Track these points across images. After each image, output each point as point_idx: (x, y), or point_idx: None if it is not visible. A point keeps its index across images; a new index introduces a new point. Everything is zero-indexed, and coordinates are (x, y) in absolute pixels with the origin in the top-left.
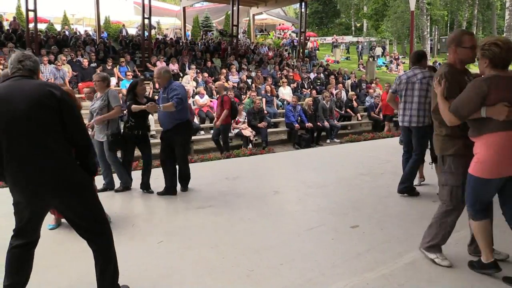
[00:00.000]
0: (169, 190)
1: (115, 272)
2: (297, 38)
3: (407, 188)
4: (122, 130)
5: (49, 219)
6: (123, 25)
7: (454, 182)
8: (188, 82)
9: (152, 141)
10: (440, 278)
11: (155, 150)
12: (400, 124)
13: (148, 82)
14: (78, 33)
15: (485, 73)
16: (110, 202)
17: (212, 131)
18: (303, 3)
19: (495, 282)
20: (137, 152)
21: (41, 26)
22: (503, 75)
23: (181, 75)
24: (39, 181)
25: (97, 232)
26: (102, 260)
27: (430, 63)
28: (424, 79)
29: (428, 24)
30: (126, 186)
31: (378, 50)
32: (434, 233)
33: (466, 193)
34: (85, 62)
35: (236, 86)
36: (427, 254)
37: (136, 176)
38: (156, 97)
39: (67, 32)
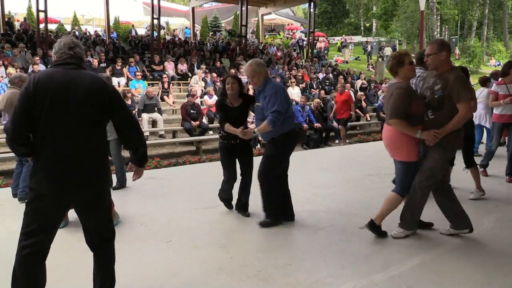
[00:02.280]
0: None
1: (112, 280)
2: (304, 38)
3: None
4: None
5: None
6: (133, 26)
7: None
8: (196, 82)
9: (161, 141)
10: (449, 279)
11: (163, 150)
12: None
13: (157, 82)
14: (88, 34)
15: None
16: (118, 201)
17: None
18: (312, 3)
19: (504, 283)
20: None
21: (52, 27)
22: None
23: (190, 75)
24: (76, 176)
25: (107, 239)
26: (104, 270)
27: None
28: (415, 79)
29: (438, 23)
30: (122, 184)
31: (388, 50)
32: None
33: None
34: (95, 62)
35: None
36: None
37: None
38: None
39: (77, 33)
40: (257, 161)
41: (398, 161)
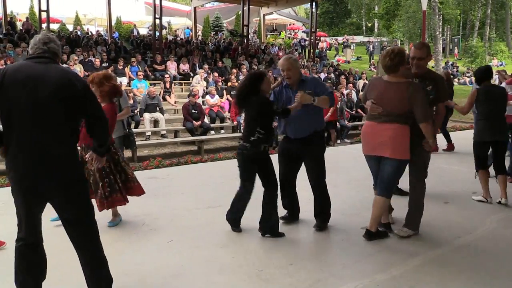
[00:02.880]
0: (293, 216)
1: (108, 278)
2: (305, 38)
3: None
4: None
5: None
6: (134, 25)
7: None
8: (198, 82)
9: (162, 140)
10: (451, 280)
11: (165, 150)
12: None
13: (159, 82)
14: (90, 33)
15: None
16: None
17: (222, 131)
18: (313, 3)
19: (505, 283)
20: (147, 151)
21: (54, 26)
22: (385, 79)
23: (192, 75)
24: (37, 167)
25: (86, 238)
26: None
27: (442, 63)
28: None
29: (440, 24)
30: None
31: None
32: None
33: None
34: (97, 62)
35: None
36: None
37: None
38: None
39: (79, 32)
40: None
41: (392, 160)
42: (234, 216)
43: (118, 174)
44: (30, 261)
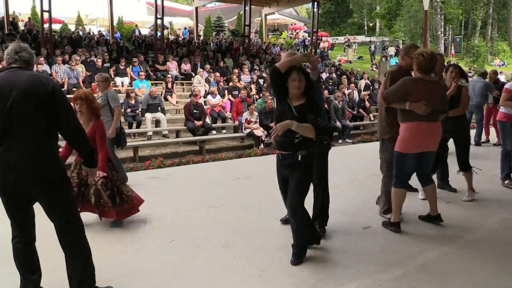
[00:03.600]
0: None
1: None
2: (308, 38)
3: None
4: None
5: None
6: (136, 25)
7: (389, 158)
8: (199, 82)
9: (164, 140)
10: (453, 280)
11: (167, 150)
12: None
13: (161, 82)
14: (91, 34)
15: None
16: None
17: (223, 131)
18: (315, 3)
19: (507, 284)
20: (149, 151)
21: (56, 27)
22: (426, 79)
23: (193, 75)
24: (19, 171)
25: (68, 236)
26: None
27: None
28: None
29: (442, 23)
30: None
31: (391, 50)
32: (385, 200)
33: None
34: (98, 62)
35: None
36: (385, 216)
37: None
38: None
39: (81, 33)
40: (261, 160)
41: (432, 153)
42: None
43: (108, 192)
44: (24, 258)
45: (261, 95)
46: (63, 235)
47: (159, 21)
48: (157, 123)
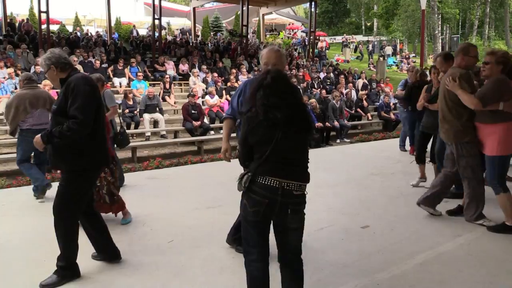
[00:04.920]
0: None
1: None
2: (307, 38)
3: None
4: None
5: None
6: (134, 26)
7: (472, 161)
8: (194, 83)
9: (162, 141)
10: (452, 278)
11: (165, 150)
12: None
13: (159, 82)
14: (89, 34)
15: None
16: None
17: (222, 131)
18: (313, 3)
19: (506, 282)
20: (147, 152)
21: (53, 27)
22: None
23: (191, 75)
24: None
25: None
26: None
27: None
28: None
29: (440, 22)
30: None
31: (389, 49)
32: (475, 206)
33: (489, 172)
34: (96, 63)
35: None
36: (476, 222)
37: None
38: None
39: (78, 33)
40: None
41: None
42: None
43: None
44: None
45: None
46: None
47: (156, 22)
48: (155, 123)
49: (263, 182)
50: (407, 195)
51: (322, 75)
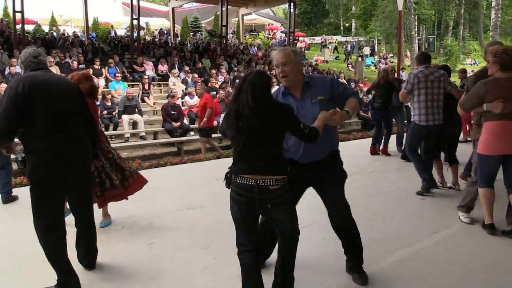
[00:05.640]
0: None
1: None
2: (286, 38)
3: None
4: None
5: None
6: (112, 26)
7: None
8: (173, 84)
9: (142, 142)
10: (429, 275)
11: (144, 152)
12: (423, 123)
13: (138, 83)
14: (66, 34)
15: (496, 75)
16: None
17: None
18: (292, 3)
19: (481, 277)
20: (126, 153)
21: (29, 28)
22: (505, 77)
23: (170, 76)
24: (71, 159)
25: None
26: None
27: None
28: (441, 77)
29: (416, 23)
30: None
31: (366, 50)
32: (463, 197)
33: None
34: (73, 64)
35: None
36: (459, 211)
37: None
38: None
39: (55, 34)
40: None
41: None
42: None
43: (115, 172)
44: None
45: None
46: None
47: (135, 22)
48: (134, 124)
49: (239, 181)
50: (386, 193)
51: None
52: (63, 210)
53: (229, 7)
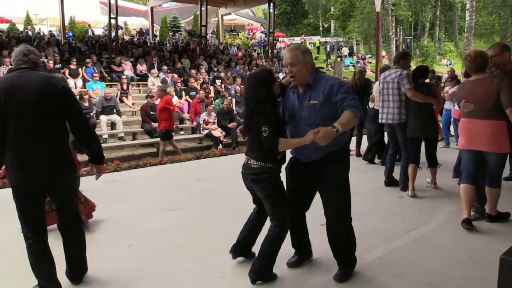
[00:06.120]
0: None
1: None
2: (266, 38)
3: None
4: None
5: None
6: (89, 25)
7: None
8: (153, 84)
9: (120, 143)
10: (407, 271)
11: (123, 153)
12: (381, 121)
13: (116, 83)
14: (41, 34)
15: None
16: None
17: (181, 132)
18: (271, 4)
19: (457, 272)
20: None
21: (3, 26)
22: (473, 79)
23: (150, 76)
24: (39, 165)
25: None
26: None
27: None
28: (396, 78)
29: (393, 24)
30: None
31: (345, 50)
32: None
33: None
34: (49, 64)
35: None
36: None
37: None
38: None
39: (30, 33)
40: (220, 160)
41: (493, 154)
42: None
43: None
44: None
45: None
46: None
47: (113, 21)
48: (112, 125)
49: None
50: (364, 192)
51: (281, 75)
52: (38, 217)
53: (208, 7)
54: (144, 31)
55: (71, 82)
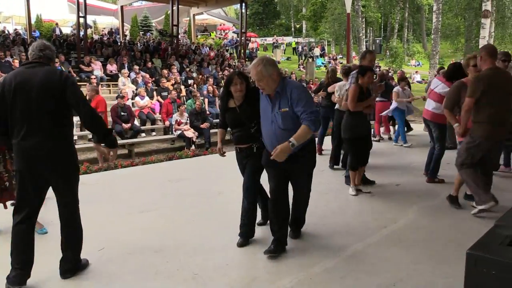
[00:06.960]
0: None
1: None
2: (238, 39)
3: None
4: None
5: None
6: (57, 24)
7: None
8: (123, 84)
9: (90, 145)
10: (379, 267)
11: (93, 154)
12: None
13: (85, 84)
14: (6, 32)
15: None
16: (44, 209)
17: (153, 133)
18: (243, 4)
19: (426, 268)
20: None
21: None
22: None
23: (120, 76)
24: (38, 157)
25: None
26: None
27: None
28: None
29: (364, 26)
30: None
31: (317, 51)
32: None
33: None
34: (15, 63)
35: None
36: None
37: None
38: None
39: None
40: (193, 161)
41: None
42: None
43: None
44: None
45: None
46: None
47: (81, 20)
48: (81, 126)
49: None
50: (336, 191)
51: None
52: (34, 198)
53: (180, 6)
54: (114, 31)
55: None
